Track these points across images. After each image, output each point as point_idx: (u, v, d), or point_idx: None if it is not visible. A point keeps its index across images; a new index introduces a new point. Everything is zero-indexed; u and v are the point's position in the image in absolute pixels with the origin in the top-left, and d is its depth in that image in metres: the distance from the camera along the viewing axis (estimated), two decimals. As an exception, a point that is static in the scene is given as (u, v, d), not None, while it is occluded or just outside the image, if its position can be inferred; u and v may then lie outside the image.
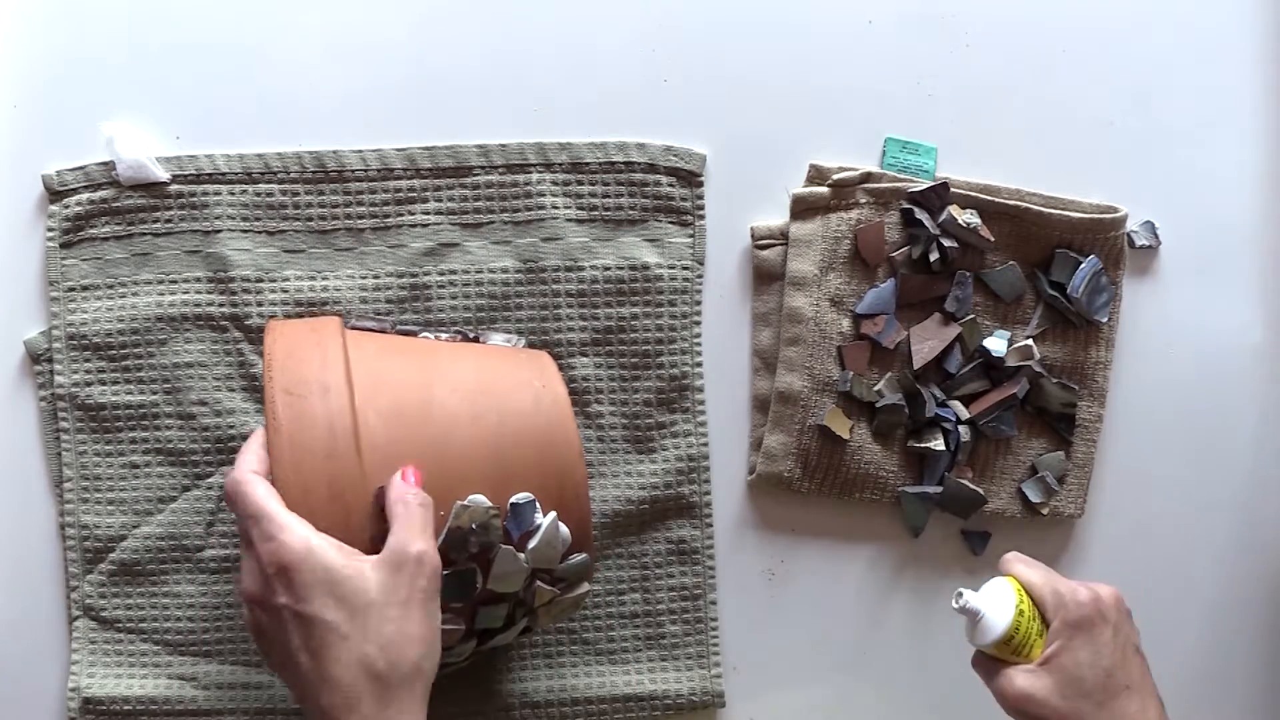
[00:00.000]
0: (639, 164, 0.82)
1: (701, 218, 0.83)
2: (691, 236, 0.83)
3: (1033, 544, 0.84)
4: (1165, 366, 0.86)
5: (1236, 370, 0.87)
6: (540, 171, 0.82)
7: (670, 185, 0.83)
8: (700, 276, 0.83)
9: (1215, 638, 0.88)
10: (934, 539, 0.85)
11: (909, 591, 0.85)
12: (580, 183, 0.82)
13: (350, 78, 0.82)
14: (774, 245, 0.83)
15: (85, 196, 0.81)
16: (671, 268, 0.82)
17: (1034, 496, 0.84)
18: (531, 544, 0.66)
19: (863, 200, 0.82)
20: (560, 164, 0.82)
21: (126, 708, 0.80)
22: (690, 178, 0.83)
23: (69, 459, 0.81)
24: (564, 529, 0.67)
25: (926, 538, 0.85)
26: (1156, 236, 0.85)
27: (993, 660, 0.69)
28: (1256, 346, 0.87)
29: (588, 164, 0.82)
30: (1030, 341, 0.83)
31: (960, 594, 0.68)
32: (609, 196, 0.82)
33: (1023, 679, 0.66)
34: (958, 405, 0.83)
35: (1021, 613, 0.67)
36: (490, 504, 0.64)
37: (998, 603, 0.67)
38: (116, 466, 0.81)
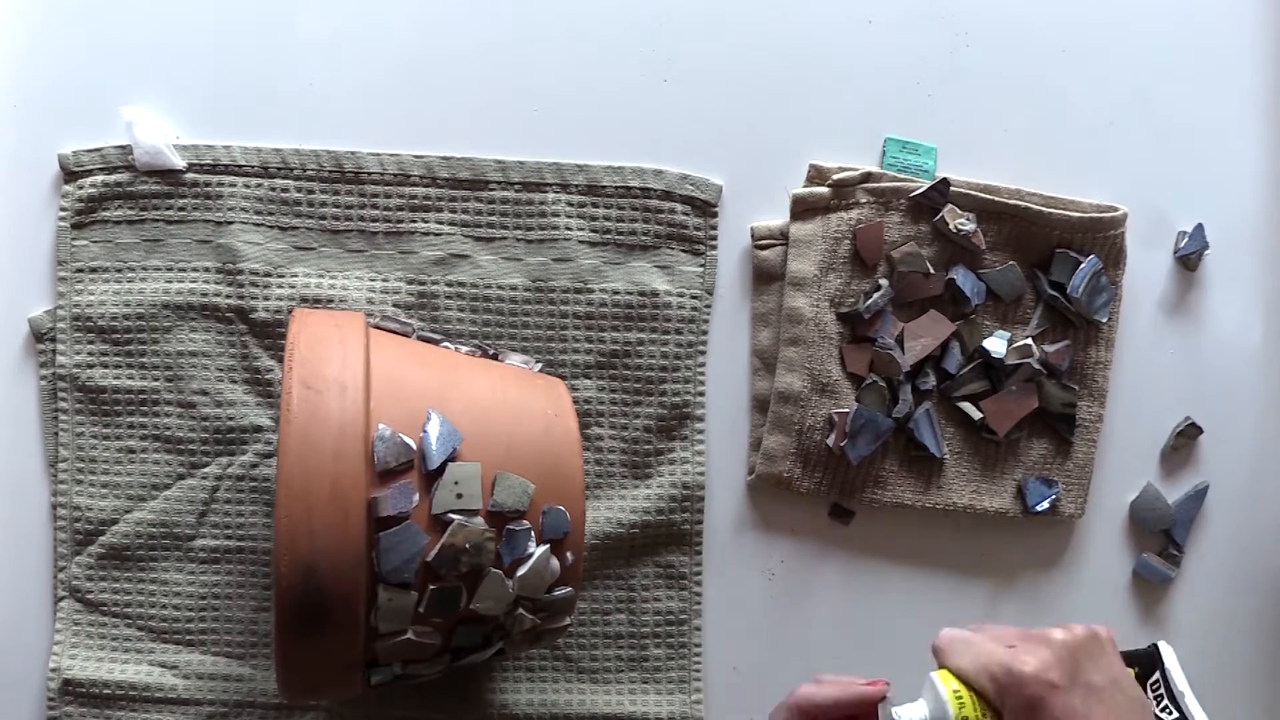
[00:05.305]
0: (655, 190, 0.82)
1: (714, 248, 0.83)
2: (702, 266, 0.83)
3: (1033, 544, 0.86)
4: (1165, 366, 0.87)
5: (1236, 370, 0.87)
6: (556, 192, 0.82)
7: (685, 214, 0.82)
8: (709, 306, 0.83)
9: (1215, 638, 0.88)
10: (933, 539, 0.86)
11: (909, 590, 0.86)
12: (595, 205, 0.82)
13: (365, 77, 0.82)
14: (774, 245, 0.83)
15: (100, 179, 0.80)
16: (680, 296, 0.82)
17: (1034, 496, 0.84)
18: (521, 571, 0.66)
19: (863, 200, 0.82)
20: (576, 185, 0.82)
21: (106, 691, 0.80)
22: (705, 207, 0.83)
23: (65, 439, 0.81)
24: (554, 562, 0.67)
25: (926, 538, 0.86)
26: (1205, 240, 0.86)
27: None
28: (1256, 346, 0.87)
29: (604, 187, 0.82)
30: (1030, 341, 0.83)
31: (894, 717, 0.62)
32: (623, 221, 0.82)
33: None
34: (969, 407, 0.83)
35: (965, 719, 0.61)
36: (487, 526, 0.64)
37: (936, 714, 0.61)
38: (113, 450, 0.81)
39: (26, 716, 0.81)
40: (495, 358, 0.78)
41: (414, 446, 0.63)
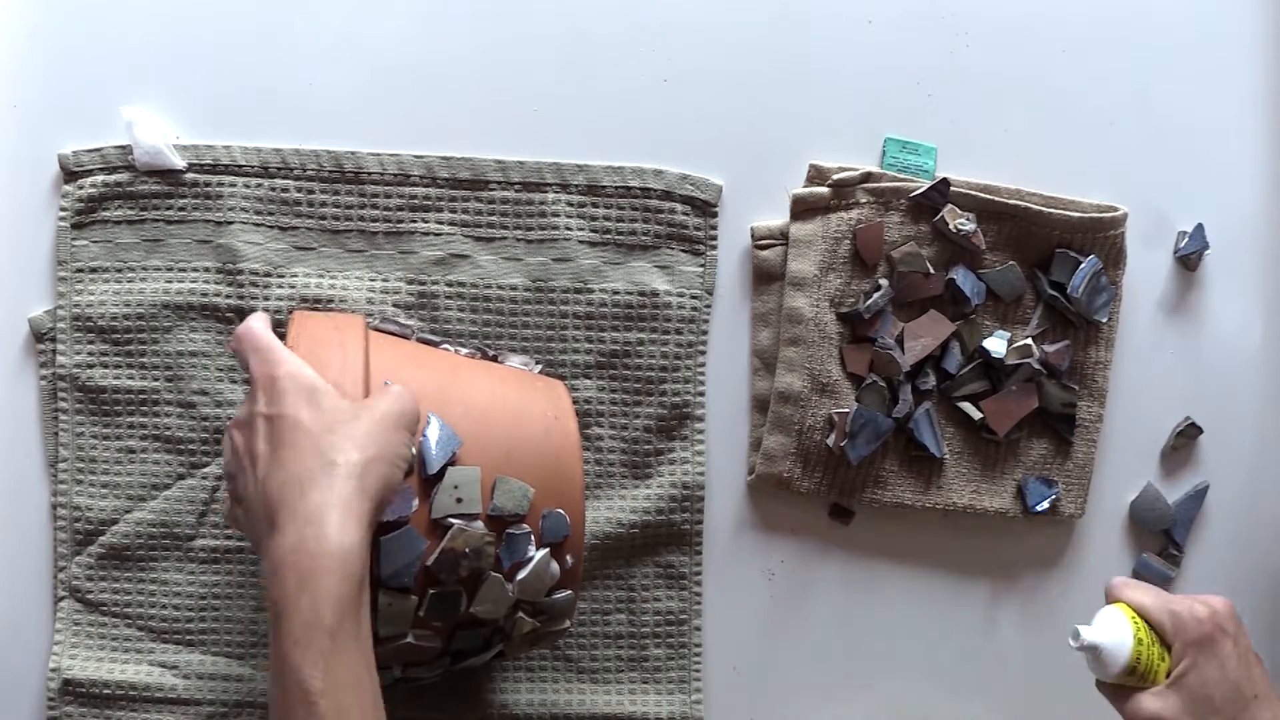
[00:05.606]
0: (655, 190, 0.82)
1: (714, 248, 0.83)
2: (702, 266, 0.83)
3: (1033, 544, 0.86)
4: (1165, 366, 0.87)
5: (1236, 370, 0.88)
6: (556, 192, 0.82)
7: (685, 214, 0.82)
8: (709, 306, 0.83)
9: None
10: (933, 539, 0.86)
11: (909, 590, 0.86)
12: (595, 205, 0.82)
13: (365, 77, 0.82)
14: (774, 245, 0.83)
15: (100, 179, 0.80)
16: (680, 296, 0.82)
17: (1034, 496, 0.85)
18: (521, 575, 0.66)
19: (863, 200, 0.82)
20: (576, 185, 0.82)
21: (106, 691, 0.80)
22: (705, 207, 0.83)
23: (65, 439, 0.81)
24: (554, 565, 0.67)
25: (926, 538, 0.86)
26: (1205, 240, 0.86)
27: (1119, 687, 0.69)
28: (1256, 346, 0.88)
29: (604, 187, 0.82)
30: (1030, 341, 0.83)
31: (1077, 632, 0.68)
32: (623, 221, 0.82)
33: (1152, 702, 0.67)
34: (969, 407, 0.83)
35: (1140, 641, 0.67)
36: (486, 530, 0.64)
37: (1115, 634, 0.67)
38: (113, 450, 0.81)
39: (26, 716, 0.81)
40: (495, 359, 0.78)
41: (413, 450, 0.63)
